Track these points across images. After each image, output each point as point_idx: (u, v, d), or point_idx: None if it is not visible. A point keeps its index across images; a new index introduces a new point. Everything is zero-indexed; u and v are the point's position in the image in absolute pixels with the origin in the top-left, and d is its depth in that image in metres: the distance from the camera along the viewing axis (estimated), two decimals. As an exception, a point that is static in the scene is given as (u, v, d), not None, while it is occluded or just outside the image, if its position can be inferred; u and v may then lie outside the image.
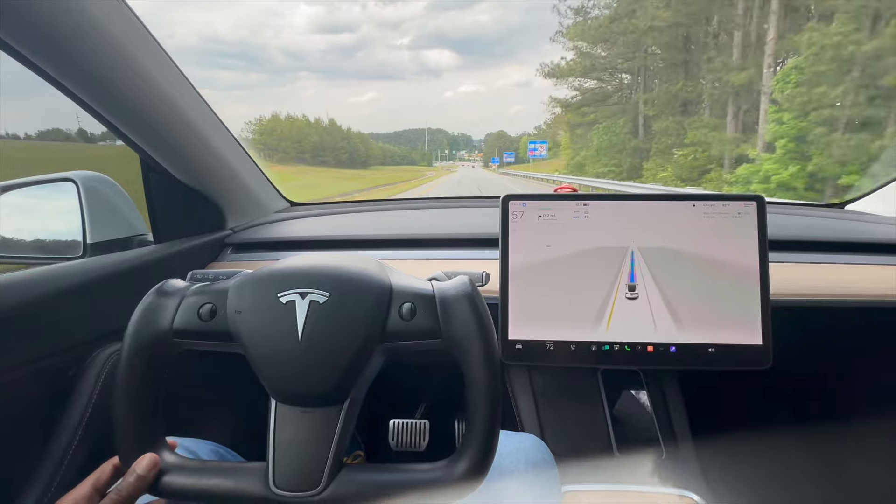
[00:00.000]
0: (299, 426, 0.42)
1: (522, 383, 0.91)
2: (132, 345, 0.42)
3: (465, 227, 0.98)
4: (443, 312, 0.43)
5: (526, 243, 0.70)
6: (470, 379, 0.42)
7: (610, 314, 0.69)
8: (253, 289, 0.43)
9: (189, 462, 0.43)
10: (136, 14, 0.64)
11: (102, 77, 0.62)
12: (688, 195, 0.70)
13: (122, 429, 0.42)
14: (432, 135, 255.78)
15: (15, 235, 0.87)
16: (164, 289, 0.45)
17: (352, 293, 0.43)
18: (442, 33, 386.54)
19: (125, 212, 0.85)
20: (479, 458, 0.42)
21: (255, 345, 0.42)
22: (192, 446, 0.60)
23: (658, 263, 0.69)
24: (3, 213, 0.87)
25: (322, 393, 0.42)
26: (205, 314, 0.43)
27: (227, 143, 0.92)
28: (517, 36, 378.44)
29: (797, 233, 0.91)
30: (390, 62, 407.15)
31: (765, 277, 0.68)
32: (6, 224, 0.86)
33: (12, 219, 0.87)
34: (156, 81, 0.70)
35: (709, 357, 0.68)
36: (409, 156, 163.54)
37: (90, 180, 0.81)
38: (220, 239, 0.96)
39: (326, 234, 1.00)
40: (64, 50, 0.56)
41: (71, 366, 0.61)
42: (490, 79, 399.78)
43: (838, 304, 0.77)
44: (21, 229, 0.87)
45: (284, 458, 0.41)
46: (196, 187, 0.88)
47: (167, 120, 0.74)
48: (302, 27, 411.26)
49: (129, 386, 0.42)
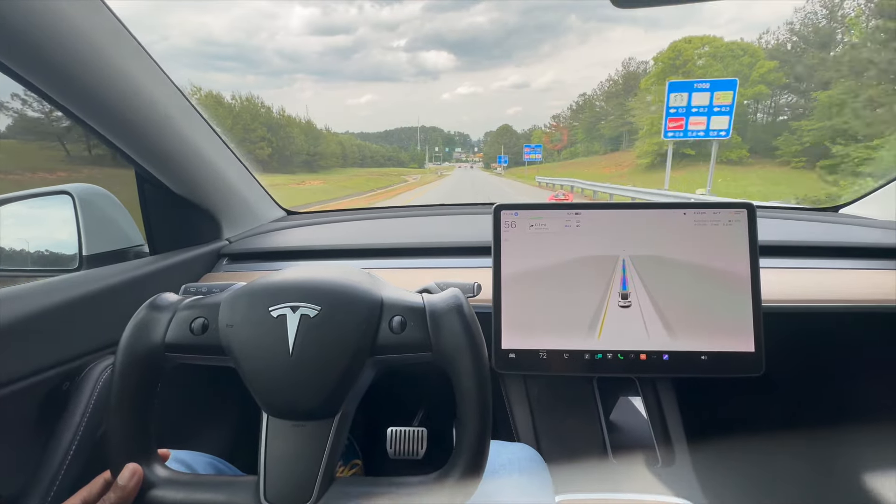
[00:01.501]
0: (291, 440, 0.42)
1: (518, 392, 0.91)
2: (124, 359, 0.43)
3: (459, 236, 0.99)
4: (433, 325, 0.43)
5: (518, 253, 0.71)
6: (460, 391, 0.43)
7: (602, 322, 0.69)
8: (244, 303, 0.44)
9: (180, 476, 0.44)
10: (125, 24, 0.64)
11: (91, 89, 0.62)
12: (678, 203, 0.70)
13: (113, 442, 0.43)
14: (426, 133, 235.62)
15: (11, 248, 0.87)
16: (156, 303, 0.45)
17: (342, 307, 0.43)
18: (439, 35, 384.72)
19: (121, 223, 0.86)
20: (469, 470, 0.42)
21: (247, 358, 0.42)
22: (189, 459, 0.60)
23: (650, 271, 0.69)
24: (0, 227, 0.87)
25: (313, 407, 0.42)
26: (197, 328, 0.44)
27: (221, 153, 0.93)
28: (514, 37, 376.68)
29: (790, 238, 0.92)
30: (387, 64, 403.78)
31: (756, 284, 0.68)
32: (2, 237, 0.87)
33: (8, 232, 0.87)
34: (146, 92, 0.70)
35: (702, 364, 0.68)
36: (397, 156, 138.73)
37: (86, 193, 0.82)
38: (215, 250, 0.97)
39: (322, 243, 1.01)
40: (51, 61, 0.56)
41: (66, 379, 0.61)
42: (487, 80, 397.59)
43: (831, 310, 0.77)
44: (17, 242, 0.88)
45: (276, 471, 0.42)
46: (191, 198, 0.88)
47: (160, 131, 0.75)
48: (298, 29, 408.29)
49: (121, 400, 0.42)
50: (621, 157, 40.02)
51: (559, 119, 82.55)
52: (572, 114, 75.00)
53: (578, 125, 67.47)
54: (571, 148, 67.53)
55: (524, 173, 43.27)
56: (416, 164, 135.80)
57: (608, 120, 57.20)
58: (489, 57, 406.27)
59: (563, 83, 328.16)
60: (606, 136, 55.70)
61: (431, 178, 51.85)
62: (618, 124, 52.30)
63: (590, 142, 61.02)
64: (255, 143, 50.26)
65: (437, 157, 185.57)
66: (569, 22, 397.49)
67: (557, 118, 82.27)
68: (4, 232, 0.87)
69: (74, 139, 7.59)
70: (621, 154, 43.23)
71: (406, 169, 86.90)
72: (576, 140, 67.01)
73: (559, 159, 64.82)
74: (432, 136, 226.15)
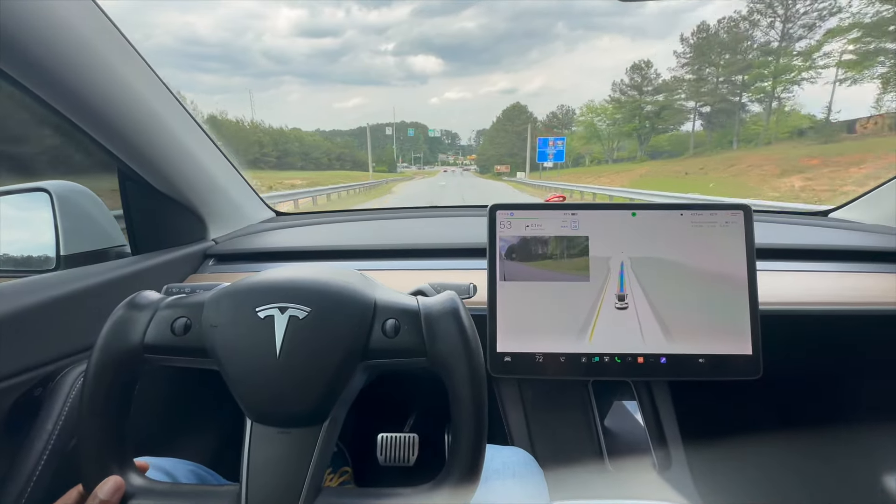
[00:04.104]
0: (276, 447, 0.40)
1: (512, 396, 0.90)
2: (99, 360, 0.40)
3: (453, 237, 0.97)
4: (428, 330, 0.42)
5: (514, 254, 0.69)
6: (455, 398, 0.41)
7: (597, 325, 0.68)
8: (230, 302, 0.42)
9: (157, 485, 0.41)
10: (110, 17, 0.62)
11: (73, 82, 0.60)
12: (675, 204, 0.70)
13: (86, 451, 0.40)
14: (403, 130, 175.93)
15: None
16: (135, 301, 0.43)
17: (333, 308, 0.41)
18: (427, 39, 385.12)
19: (102, 222, 0.82)
20: (463, 480, 0.40)
21: (231, 361, 0.40)
22: (169, 467, 0.58)
23: (646, 273, 0.68)
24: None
25: (300, 412, 0.40)
26: (178, 328, 0.41)
27: (208, 152, 0.90)
28: (503, 43, 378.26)
29: (782, 241, 0.92)
30: (376, 67, 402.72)
31: (753, 286, 0.67)
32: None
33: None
34: (131, 87, 0.68)
35: (699, 367, 0.67)
36: (354, 155, 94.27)
37: (64, 190, 0.78)
38: (201, 250, 0.94)
39: (312, 244, 0.98)
40: (32, 52, 0.54)
41: (38, 385, 0.58)
42: (476, 85, 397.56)
43: (823, 312, 0.77)
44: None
45: (259, 480, 0.39)
46: (175, 197, 0.85)
47: (144, 127, 0.72)
48: (285, 30, 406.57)
49: (95, 404, 0.40)
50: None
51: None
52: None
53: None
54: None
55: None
56: (384, 166, 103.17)
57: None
58: (478, 62, 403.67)
59: (551, 89, 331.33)
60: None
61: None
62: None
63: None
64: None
65: (416, 161, 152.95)
66: (557, 29, 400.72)
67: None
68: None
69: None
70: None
71: (358, 173, 53.04)
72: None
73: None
74: (415, 135, 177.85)
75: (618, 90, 52.34)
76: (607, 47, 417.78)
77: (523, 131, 79.79)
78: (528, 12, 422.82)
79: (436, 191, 23.61)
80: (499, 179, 45.18)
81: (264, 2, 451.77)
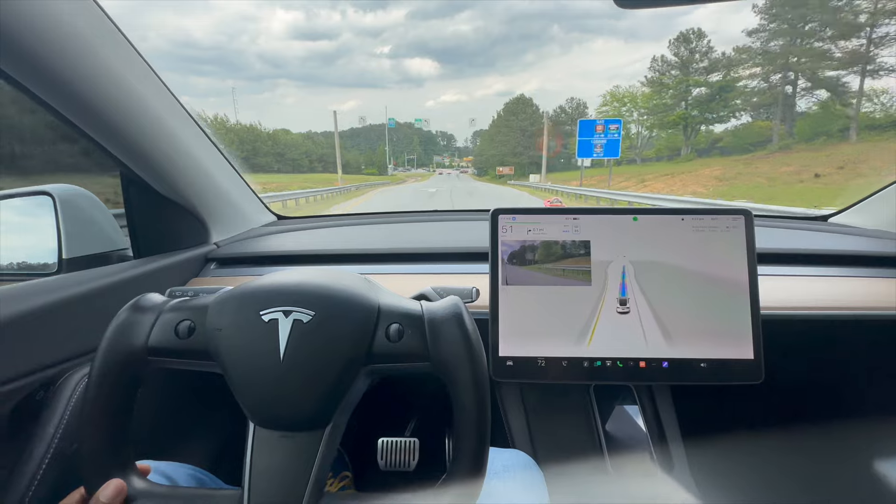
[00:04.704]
0: (278, 452, 0.40)
1: (514, 399, 0.89)
2: (103, 363, 0.40)
3: (455, 241, 0.97)
4: (431, 334, 0.42)
5: (516, 258, 0.70)
6: (458, 404, 0.41)
7: (597, 329, 0.68)
8: (234, 306, 0.42)
9: (156, 488, 0.41)
10: (114, 21, 0.63)
11: (77, 85, 0.60)
12: (676, 209, 0.70)
13: (88, 454, 0.40)
14: (400, 132, 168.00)
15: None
16: (139, 304, 0.43)
17: (337, 312, 0.41)
18: (423, 42, 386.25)
19: (104, 226, 0.82)
20: (466, 485, 0.40)
21: (235, 364, 0.40)
22: (169, 471, 0.57)
23: (648, 277, 0.68)
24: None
25: (303, 416, 0.40)
26: (182, 331, 0.41)
27: (210, 155, 0.91)
28: (498, 46, 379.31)
29: (782, 246, 0.92)
30: (371, 70, 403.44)
31: (754, 291, 0.67)
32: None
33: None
34: (134, 90, 0.68)
35: (701, 372, 0.67)
36: (329, 157, 79.71)
37: (67, 193, 0.79)
38: (203, 254, 0.94)
39: (314, 248, 0.98)
40: (36, 56, 0.54)
41: (40, 389, 0.58)
42: (471, 88, 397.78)
43: (823, 317, 0.77)
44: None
45: (261, 485, 0.39)
46: (178, 201, 0.86)
47: (147, 131, 0.72)
48: (280, 33, 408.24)
49: (98, 407, 0.40)
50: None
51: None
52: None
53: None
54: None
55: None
56: (373, 169, 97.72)
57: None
58: (473, 65, 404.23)
59: (546, 92, 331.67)
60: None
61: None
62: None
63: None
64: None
65: (410, 163, 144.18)
66: (552, 32, 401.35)
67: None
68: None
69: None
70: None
71: (334, 175, 42.56)
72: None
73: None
74: (408, 135, 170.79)
75: (655, 69, 40.00)
76: (602, 50, 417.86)
77: (528, 126, 69.13)
78: (523, 15, 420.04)
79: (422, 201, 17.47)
80: (503, 184, 38.53)
81: (259, 4, 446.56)
